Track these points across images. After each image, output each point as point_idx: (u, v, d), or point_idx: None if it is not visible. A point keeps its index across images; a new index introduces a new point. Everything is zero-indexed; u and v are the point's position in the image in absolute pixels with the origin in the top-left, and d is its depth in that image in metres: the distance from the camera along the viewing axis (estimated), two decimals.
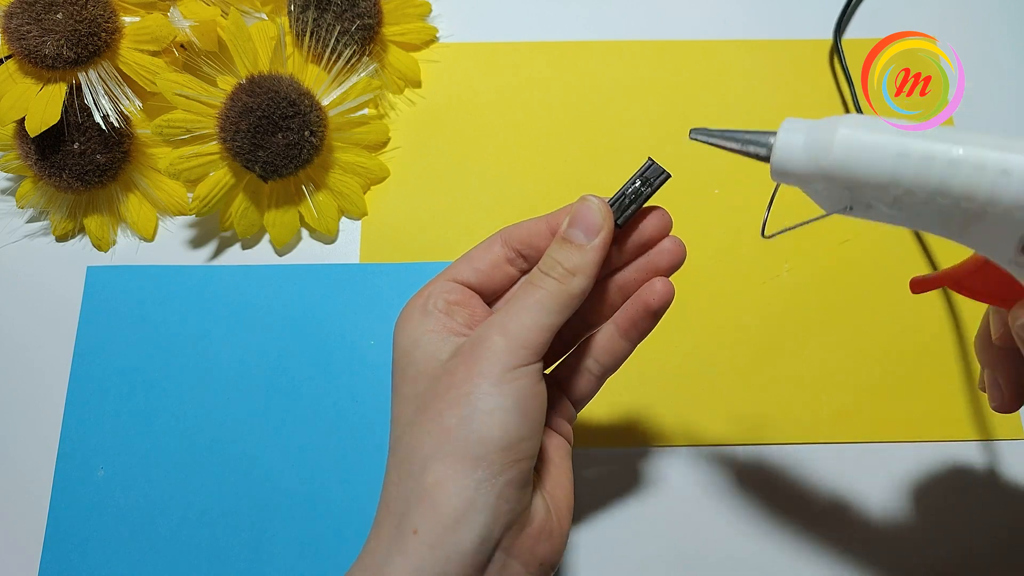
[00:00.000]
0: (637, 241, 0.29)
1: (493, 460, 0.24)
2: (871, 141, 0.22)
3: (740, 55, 0.49)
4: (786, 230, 0.27)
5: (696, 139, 0.26)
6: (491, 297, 0.29)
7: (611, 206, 0.28)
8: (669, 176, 0.28)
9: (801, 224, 0.26)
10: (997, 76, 0.49)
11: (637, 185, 0.28)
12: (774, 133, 0.24)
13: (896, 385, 0.41)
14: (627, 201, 0.28)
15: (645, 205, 0.28)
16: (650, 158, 0.28)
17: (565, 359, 0.31)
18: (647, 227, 0.29)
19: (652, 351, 0.41)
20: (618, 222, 0.28)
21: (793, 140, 0.23)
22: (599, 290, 0.29)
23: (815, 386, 0.41)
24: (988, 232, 0.22)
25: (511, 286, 0.30)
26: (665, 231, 0.29)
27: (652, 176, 0.28)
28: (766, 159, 0.24)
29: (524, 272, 0.29)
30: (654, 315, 0.29)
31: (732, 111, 0.47)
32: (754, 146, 0.25)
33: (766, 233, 0.27)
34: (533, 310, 0.25)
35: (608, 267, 0.29)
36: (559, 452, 0.29)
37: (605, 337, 0.30)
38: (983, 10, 0.50)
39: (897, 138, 0.22)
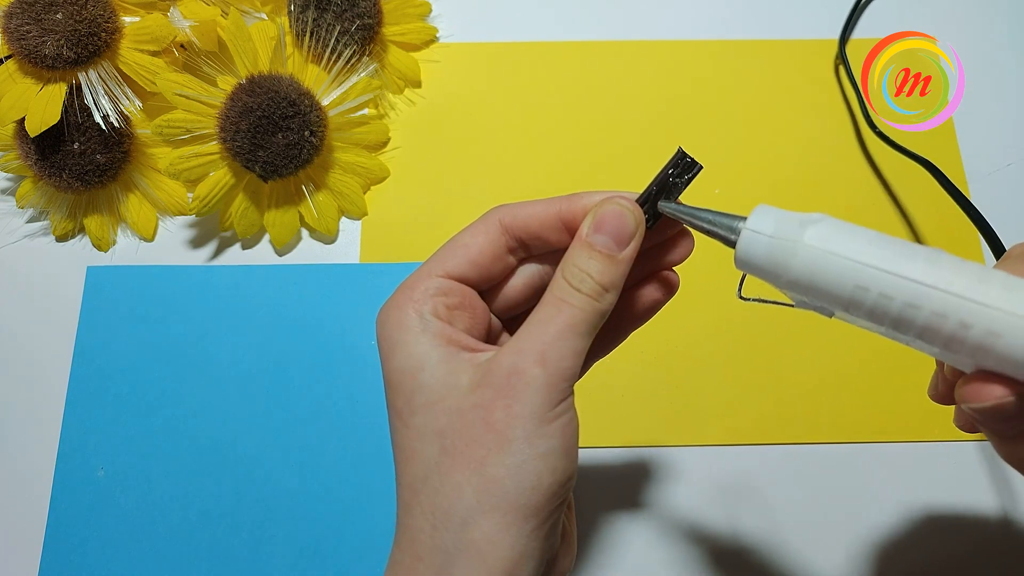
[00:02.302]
0: (655, 240, 0.26)
1: (543, 507, 0.22)
2: (833, 265, 0.21)
3: (741, 55, 0.49)
4: (762, 301, 0.25)
5: (664, 211, 0.25)
6: (486, 288, 0.27)
7: (641, 206, 0.25)
8: (701, 168, 0.25)
9: (778, 303, 0.25)
10: (997, 76, 0.49)
11: (667, 180, 0.25)
12: (743, 219, 0.23)
13: (896, 385, 0.41)
14: (659, 199, 0.25)
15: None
16: (680, 148, 0.25)
17: None
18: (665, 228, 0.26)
19: (651, 351, 0.41)
20: (649, 225, 0.25)
21: (759, 237, 0.22)
22: None
23: (815, 386, 0.41)
24: (946, 356, 0.21)
25: (509, 276, 0.27)
26: (679, 225, 0.26)
27: (683, 170, 0.25)
28: (732, 245, 0.23)
29: (523, 262, 0.27)
30: (660, 305, 0.27)
31: (732, 112, 0.47)
32: (722, 230, 0.23)
33: (743, 295, 0.26)
34: (568, 335, 0.23)
35: None
36: None
37: (605, 328, 0.27)
38: (983, 10, 0.50)
39: (859, 267, 0.21)
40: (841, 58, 0.48)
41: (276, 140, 0.40)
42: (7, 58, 0.39)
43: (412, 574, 0.22)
